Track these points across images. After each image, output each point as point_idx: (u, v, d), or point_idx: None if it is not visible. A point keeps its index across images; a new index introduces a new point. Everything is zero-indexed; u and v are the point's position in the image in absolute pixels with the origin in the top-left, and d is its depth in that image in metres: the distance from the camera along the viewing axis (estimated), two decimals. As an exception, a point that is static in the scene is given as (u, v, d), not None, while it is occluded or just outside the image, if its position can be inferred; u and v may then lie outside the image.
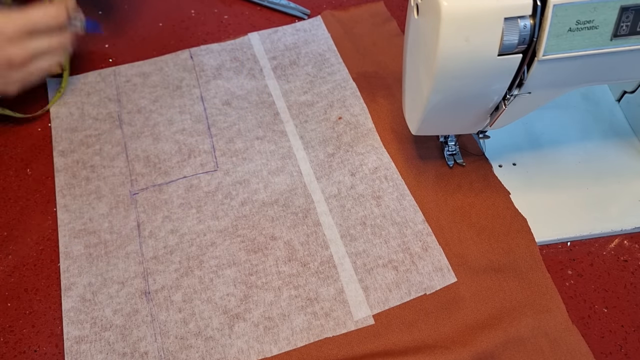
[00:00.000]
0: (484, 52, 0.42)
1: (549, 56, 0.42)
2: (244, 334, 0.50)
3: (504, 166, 0.60)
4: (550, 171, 0.59)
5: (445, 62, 0.42)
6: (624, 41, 0.42)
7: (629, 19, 0.41)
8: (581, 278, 0.54)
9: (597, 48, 0.42)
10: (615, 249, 0.55)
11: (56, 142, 0.62)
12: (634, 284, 0.53)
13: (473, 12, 0.40)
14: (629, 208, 0.57)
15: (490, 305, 0.51)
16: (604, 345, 0.50)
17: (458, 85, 0.45)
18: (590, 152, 0.60)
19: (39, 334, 0.51)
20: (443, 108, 0.48)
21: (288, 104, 0.65)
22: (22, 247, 0.55)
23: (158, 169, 0.60)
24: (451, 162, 0.60)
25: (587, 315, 0.52)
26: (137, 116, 0.64)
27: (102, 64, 0.69)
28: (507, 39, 0.41)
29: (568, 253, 0.55)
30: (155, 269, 0.53)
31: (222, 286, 0.52)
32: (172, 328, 0.50)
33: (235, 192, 0.58)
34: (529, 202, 0.57)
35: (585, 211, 0.56)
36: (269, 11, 0.75)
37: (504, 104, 0.48)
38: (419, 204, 0.57)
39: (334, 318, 0.51)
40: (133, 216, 0.57)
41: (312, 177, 0.59)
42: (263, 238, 0.55)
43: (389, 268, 0.53)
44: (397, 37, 0.71)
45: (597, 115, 0.63)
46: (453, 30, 0.41)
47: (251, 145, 0.61)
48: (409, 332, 0.50)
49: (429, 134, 0.56)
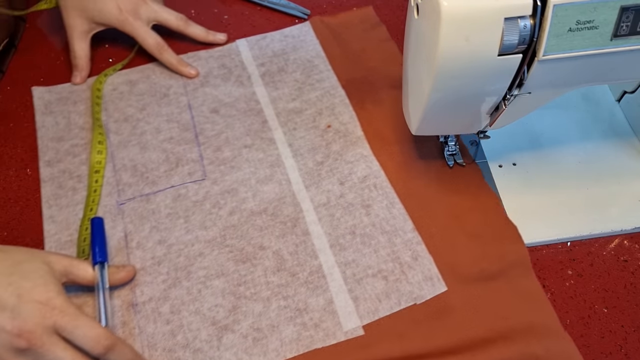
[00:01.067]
0: (484, 52, 0.42)
1: (549, 56, 0.42)
2: (232, 345, 0.49)
3: (504, 166, 0.60)
4: (551, 171, 0.59)
5: (445, 62, 0.42)
6: (624, 41, 0.42)
7: (629, 19, 0.41)
8: (581, 278, 0.53)
9: (597, 48, 0.42)
10: (615, 249, 0.55)
11: (42, 152, 0.61)
12: (634, 284, 0.53)
13: (473, 12, 0.40)
14: (629, 208, 0.57)
15: (481, 314, 0.51)
16: (604, 346, 0.50)
17: (458, 85, 0.45)
18: (590, 152, 0.60)
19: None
20: (443, 108, 0.48)
21: (276, 111, 0.64)
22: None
23: (145, 178, 0.59)
24: (451, 162, 0.59)
25: (587, 315, 0.51)
26: (124, 125, 0.63)
27: (102, 64, 0.69)
28: (507, 39, 0.41)
29: (568, 253, 0.55)
30: (142, 280, 0.53)
31: (211, 297, 0.52)
32: (160, 340, 0.50)
33: (224, 201, 0.58)
34: (529, 202, 0.57)
35: (585, 211, 0.57)
36: (269, 11, 0.75)
37: (504, 104, 0.47)
38: (409, 211, 0.56)
39: (323, 329, 0.50)
40: (120, 227, 0.56)
41: (301, 185, 0.58)
42: (251, 248, 0.55)
43: (379, 278, 0.53)
44: (386, 42, 0.71)
45: (597, 116, 0.63)
46: (453, 30, 0.41)
47: (239, 154, 0.61)
48: (399, 343, 0.49)
49: (428, 133, 0.56)
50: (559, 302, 0.52)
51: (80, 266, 0.49)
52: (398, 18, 0.74)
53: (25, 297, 0.43)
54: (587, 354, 0.49)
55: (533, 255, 0.55)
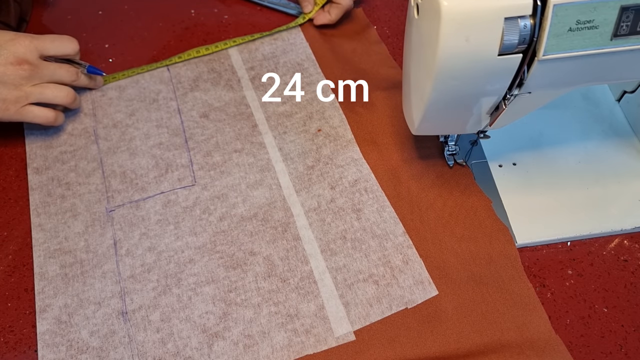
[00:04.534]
0: (484, 52, 0.42)
1: (549, 56, 0.42)
2: (223, 352, 0.49)
3: (504, 166, 0.60)
4: (551, 171, 0.59)
5: (445, 62, 0.42)
6: (624, 41, 0.42)
7: (629, 18, 0.41)
8: (581, 278, 0.53)
9: (597, 48, 0.42)
10: (616, 248, 0.55)
11: (30, 159, 0.60)
12: (634, 283, 0.53)
13: (473, 12, 0.40)
14: (629, 208, 0.57)
15: (473, 317, 0.51)
16: (604, 345, 0.50)
17: (458, 85, 0.44)
18: (590, 152, 0.60)
19: (40, 334, 0.50)
20: (443, 108, 0.48)
21: (266, 115, 0.64)
22: (23, 247, 0.55)
23: (135, 184, 0.59)
24: (451, 162, 0.59)
25: (587, 315, 0.51)
26: (113, 131, 0.63)
27: (102, 64, 0.69)
28: (507, 39, 0.41)
29: (568, 253, 0.55)
30: (132, 288, 0.53)
31: (201, 304, 0.52)
32: (150, 349, 0.49)
33: (214, 207, 0.57)
34: (529, 202, 0.57)
35: (585, 211, 0.56)
36: (269, 11, 0.75)
37: (504, 104, 0.47)
38: (400, 215, 0.56)
39: (314, 335, 0.50)
40: (109, 234, 0.56)
41: (291, 190, 0.58)
42: (242, 254, 0.54)
43: (370, 282, 0.52)
44: (376, 44, 0.71)
45: (597, 115, 0.63)
46: (453, 30, 0.40)
47: (229, 158, 0.60)
48: (391, 348, 0.49)
49: (428, 133, 0.56)
50: (559, 301, 0.52)
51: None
52: (398, 18, 0.74)
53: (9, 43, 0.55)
54: (587, 354, 0.49)
55: (533, 255, 0.55)
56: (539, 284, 0.53)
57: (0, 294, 0.53)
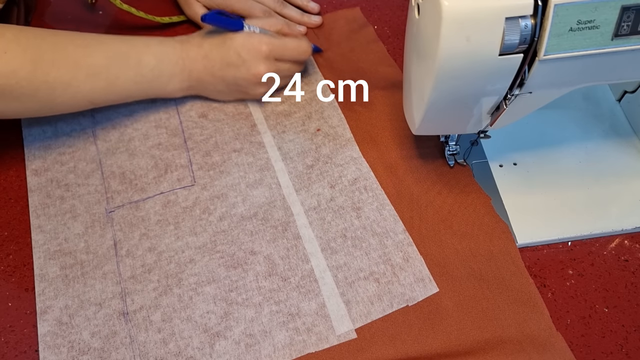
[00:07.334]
0: (485, 52, 0.42)
1: (550, 56, 0.42)
2: (225, 352, 0.49)
3: (505, 166, 0.60)
4: (551, 171, 0.59)
5: (446, 61, 0.42)
6: (624, 41, 0.42)
7: (630, 18, 0.41)
8: (582, 278, 0.54)
9: (598, 48, 0.42)
10: (616, 248, 0.55)
11: (29, 160, 0.60)
12: (635, 283, 0.53)
13: (474, 11, 0.40)
14: (630, 208, 0.57)
15: (474, 314, 0.51)
16: (605, 345, 0.50)
17: (459, 85, 0.45)
18: (590, 152, 0.60)
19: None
20: (443, 108, 0.48)
21: (265, 115, 0.64)
22: (23, 247, 0.55)
23: (134, 185, 0.59)
24: (452, 161, 0.59)
25: (587, 315, 0.52)
26: (112, 132, 0.63)
27: None
28: (508, 39, 0.41)
29: (569, 253, 0.55)
30: (133, 289, 0.52)
31: (202, 304, 0.52)
32: (152, 349, 0.49)
33: (213, 206, 0.57)
34: (529, 201, 0.57)
35: (586, 211, 0.57)
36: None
37: (504, 104, 0.47)
38: (400, 213, 0.56)
39: (316, 333, 0.50)
40: (109, 235, 0.56)
41: (291, 189, 0.58)
42: (242, 253, 0.54)
43: (371, 280, 0.52)
44: (374, 43, 0.71)
45: (597, 115, 0.63)
46: (454, 30, 0.41)
47: (228, 158, 0.60)
48: (392, 345, 0.49)
49: (429, 133, 0.56)
50: (559, 301, 0.52)
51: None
52: (398, 18, 0.74)
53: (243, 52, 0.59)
54: (588, 354, 0.50)
55: (534, 255, 0.55)
56: (539, 284, 0.53)
57: (1, 293, 0.53)
